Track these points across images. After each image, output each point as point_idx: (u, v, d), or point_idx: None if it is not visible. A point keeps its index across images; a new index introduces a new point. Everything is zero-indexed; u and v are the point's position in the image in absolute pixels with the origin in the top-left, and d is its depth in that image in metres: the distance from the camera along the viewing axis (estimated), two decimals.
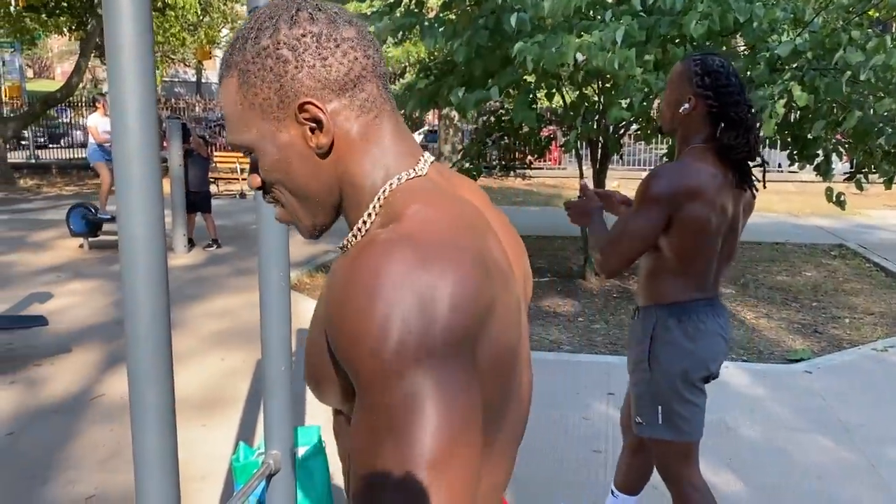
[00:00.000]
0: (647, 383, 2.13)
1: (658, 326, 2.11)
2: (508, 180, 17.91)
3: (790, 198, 15.21)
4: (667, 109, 2.11)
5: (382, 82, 0.84)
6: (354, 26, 0.82)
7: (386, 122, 0.84)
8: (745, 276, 7.64)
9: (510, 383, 0.81)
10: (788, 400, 4.16)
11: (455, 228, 0.75)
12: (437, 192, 0.80)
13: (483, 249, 0.76)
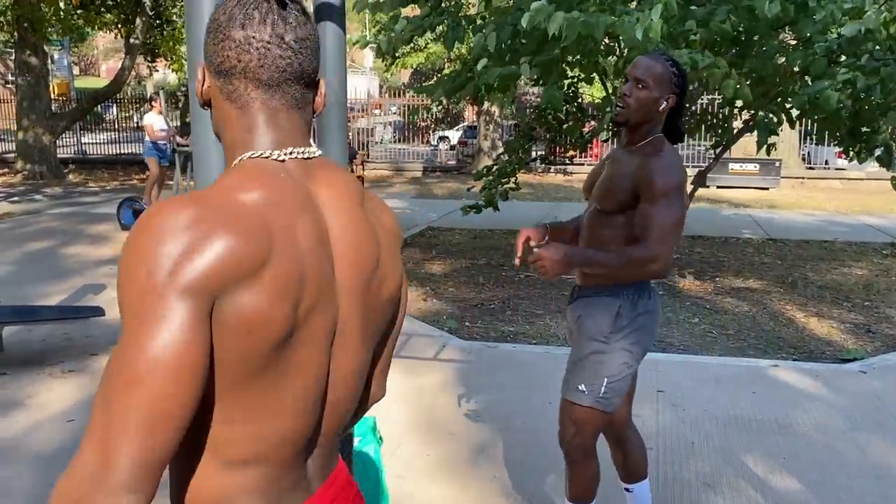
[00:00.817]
0: (603, 355, 2.26)
1: (624, 306, 2.24)
2: (549, 176, 17.81)
3: (838, 195, 14.87)
4: (643, 106, 2.20)
5: (256, 85, 0.95)
6: (251, 32, 0.93)
7: (251, 117, 0.96)
8: (794, 274, 7.49)
9: (276, 351, 0.88)
10: (843, 400, 4.08)
11: (247, 199, 0.87)
12: (266, 172, 0.92)
13: (275, 224, 0.86)
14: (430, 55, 20.96)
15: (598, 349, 2.27)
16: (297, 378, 0.92)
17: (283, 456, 0.95)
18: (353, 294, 0.97)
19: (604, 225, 2.30)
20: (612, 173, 2.28)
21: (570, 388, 2.33)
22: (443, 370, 4.51)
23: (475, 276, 7.30)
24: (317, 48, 0.99)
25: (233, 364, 0.86)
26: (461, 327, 5.53)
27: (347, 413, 1.04)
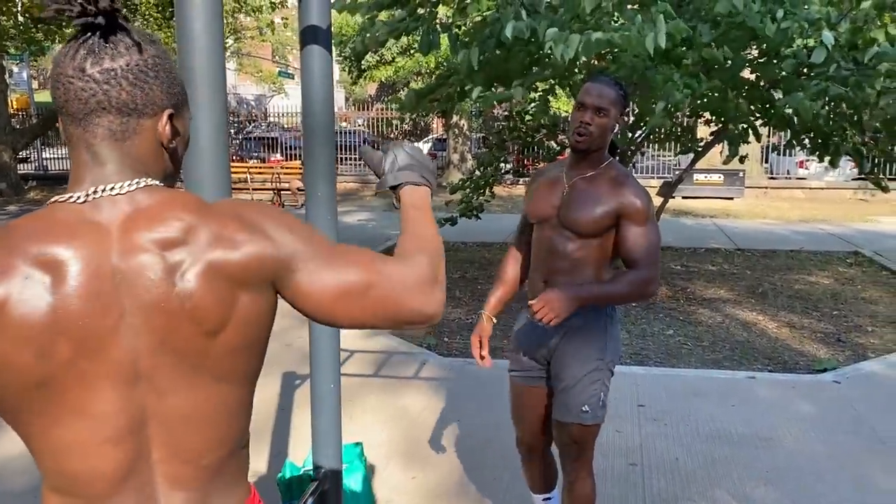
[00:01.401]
0: (600, 372, 2.33)
1: (607, 322, 2.37)
2: (519, 188, 17.90)
3: (800, 204, 15.20)
4: (604, 133, 2.27)
5: (69, 120, 0.95)
6: (60, 68, 0.94)
7: (74, 154, 0.98)
8: (763, 284, 7.62)
9: (31, 394, 0.90)
10: (820, 411, 4.14)
11: (5, 245, 0.90)
12: (52, 219, 0.93)
13: (24, 272, 0.88)
14: (398, 69, 20.98)
15: (597, 367, 2.32)
16: (77, 422, 0.92)
17: (103, 490, 0.96)
18: (152, 334, 0.93)
19: (578, 248, 2.32)
20: (585, 199, 2.29)
21: (573, 412, 2.33)
22: (424, 389, 4.49)
23: (451, 290, 7.29)
24: (139, 75, 0.95)
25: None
26: (440, 343, 5.52)
27: (208, 453, 1.00)
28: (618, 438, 3.77)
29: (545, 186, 2.39)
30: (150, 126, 0.98)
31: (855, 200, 15.79)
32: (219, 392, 0.99)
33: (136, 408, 0.94)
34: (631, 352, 5.35)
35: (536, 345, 2.43)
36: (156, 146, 0.99)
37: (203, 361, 0.96)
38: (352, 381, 4.55)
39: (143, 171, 0.97)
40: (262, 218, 1.00)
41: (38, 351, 0.87)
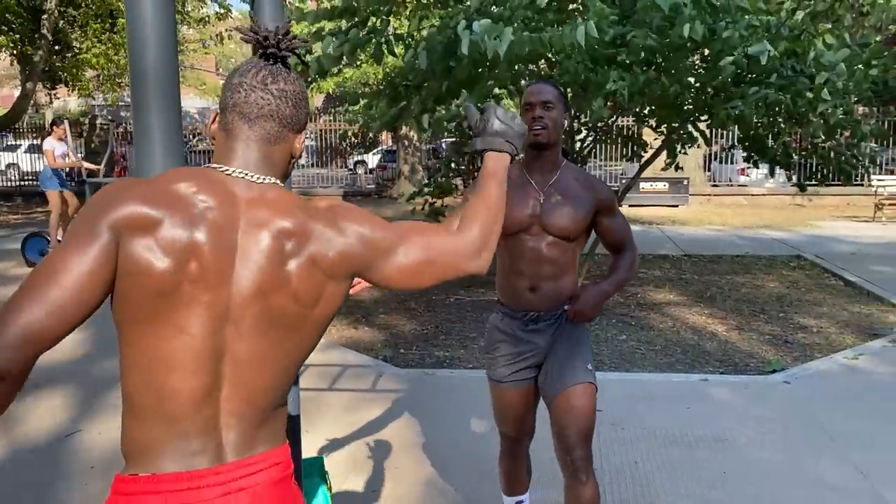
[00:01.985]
0: (587, 346, 2.44)
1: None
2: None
3: (743, 211, 15.61)
4: (557, 125, 2.36)
5: (240, 116, 1.22)
6: (244, 78, 1.23)
7: (231, 141, 1.24)
8: (711, 288, 7.78)
9: (155, 301, 1.12)
10: (771, 411, 4.22)
11: (167, 183, 1.16)
12: (206, 176, 1.19)
13: (181, 205, 1.13)
14: (345, 79, 20.89)
15: (587, 340, 2.47)
16: (180, 337, 1.13)
17: (179, 410, 1.15)
18: (251, 288, 1.17)
19: (563, 252, 2.40)
20: (565, 203, 2.35)
21: (579, 373, 2.33)
22: (382, 401, 4.43)
23: (406, 301, 7.24)
24: (299, 101, 1.25)
25: (122, 304, 1.12)
26: (396, 355, 5.47)
27: (263, 397, 1.21)
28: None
29: (512, 194, 2.35)
30: (292, 139, 1.27)
31: (794, 206, 16.31)
32: (284, 351, 1.22)
33: (219, 342, 1.16)
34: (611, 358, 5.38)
35: (528, 350, 2.46)
36: (287, 155, 1.27)
37: (281, 324, 1.20)
38: (308, 396, 4.46)
39: (273, 172, 1.25)
40: (349, 219, 1.25)
41: (175, 263, 1.11)
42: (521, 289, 2.41)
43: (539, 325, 2.43)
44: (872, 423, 4.04)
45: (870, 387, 4.64)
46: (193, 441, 1.17)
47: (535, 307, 2.42)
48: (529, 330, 2.44)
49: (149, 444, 1.16)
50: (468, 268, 1.33)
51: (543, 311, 2.42)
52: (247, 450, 1.21)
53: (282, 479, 1.24)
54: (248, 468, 1.20)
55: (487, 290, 7.67)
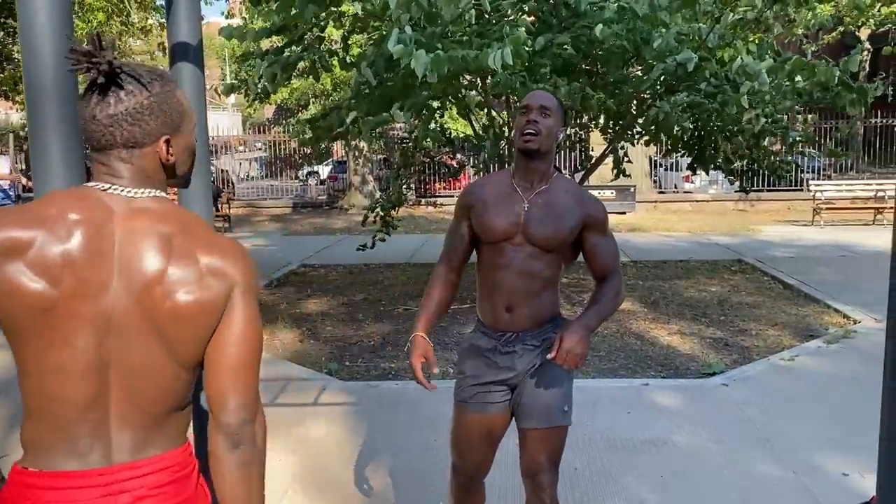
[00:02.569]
0: (568, 380, 2.35)
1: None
2: (420, 208, 17.97)
3: (688, 217, 15.93)
4: (550, 133, 2.26)
5: (93, 151, 1.26)
6: (80, 111, 1.25)
7: (98, 168, 1.28)
8: (655, 294, 7.91)
9: (36, 319, 1.16)
10: (709, 414, 4.31)
11: (39, 206, 1.19)
12: (75, 195, 1.23)
13: (53, 225, 1.16)
14: (294, 91, 20.74)
15: (564, 375, 2.33)
16: (63, 349, 1.18)
17: (67, 414, 1.20)
18: (131, 297, 1.20)
19: (545, 266, 2.29)
20: (551, 213, 2.26)
21: (554, 415, 2.29)
22: (325, 415, 4.38)
23: (353, 313, 7.20)
24: (138, 115, 1.22)
25: (8, 321, 1.17)
26: (341, 368, 5.42)
27: (151, 403, 1.24)
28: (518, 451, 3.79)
29: (496, 201, 2.29)
30: (150, 151, 1.25)
31: (737, 211, 16.72)
32: (171, 361, 1.24)
33: (104, 351, 1.20)
34: None
35: (505, 370, 2.33)
36: (157, 163, 1.26)
37: (165, 335, 1.22)
38: None
39: (149, 182, 1.26)
40: (220, 246, 1.27)
41: (50, 280, 1.15)
42: (499, 306, 2.30)
43: (516, 347, 2.31)
44: (806, 423, 4.15)
45: (804, 387, 4.76)
46: (81, 443, 1.21)
47: (512, 327, 2.31)
48: (506, 352, 2.31)
49: (41, 443, 1.22)
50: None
51: (521, 332, 2.30)
52: (137, 453, 1.24)
53: (173, 481, 1.26)
54: (135, 471, 1.23)
55: None
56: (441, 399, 4.56)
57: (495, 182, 2.36)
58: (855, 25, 18.22)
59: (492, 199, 2.30)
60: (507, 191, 2.30)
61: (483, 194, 2.33)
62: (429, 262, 10.07)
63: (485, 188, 2.35)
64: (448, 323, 6.70)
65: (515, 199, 2.28)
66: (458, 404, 2.43)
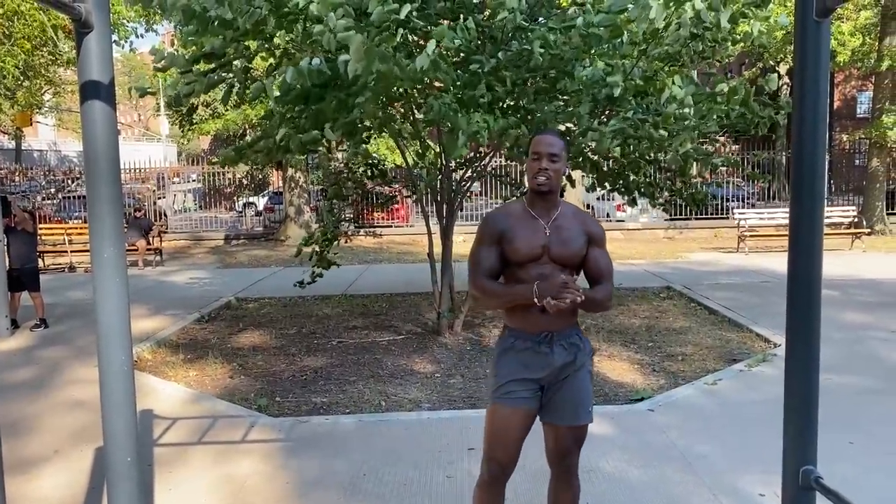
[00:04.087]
0: (590, 382, 2.77)
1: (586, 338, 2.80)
2: (359, 239, 17.90)
3: (620, 244, 16.30)
4: (559, 175, 2.68)
5: None
6: None
7: None
8: (586, 321, 8.05)
9: None
10: (636, 440, 4.39)
11: None
12: None
13: None
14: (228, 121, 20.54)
15: (587, 377, 2.75)
16: None
17: None
18: None
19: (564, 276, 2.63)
20: (569, 235, 2.67)
21: (582, 415, 2.72)
22: (253, 452, 4.30)
23: (286, 347, 7.11)
24: None
25: None
26: (271, 403, 5.33)
27: None
28: (448, 484, 3.80)
29: (523, 228, 2.67)
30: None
31: (666, 239, 17.21)
32: None
33: None
34: (464, 395, 5.44)
35: (539, 369, 2.65)
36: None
37: None
38: (171, 451, 4.29)
39: None
40: None
41: None
42: (534, 312, 2.61)
43: (553, 346, 2.64)
44: (726, 445, 4.27)
45: (726, 410, 4.91)
46: None
47: (548, 327, 2.64)
48: (542, 352, 2.64)
49: None
50: None
51: (556, 330, 2.65)
52: None
53: None
54: None
55: (371, 332, 7.64)
56: (371, 433, 4.55)
57: (515, 212, 2.73)
58: (774, 60, 19.15)
59: (519, 227, 2.68)
60: (529, 219, 2.69)
61: (510, 223, 2.70)
62: (366, 293, 10.04)
63: (509, 218, 2.72)
64: (382, 355, 6.68)
65: (538, 226, 2.68)
66: (496, 403, 2.71)
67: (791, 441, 1.70)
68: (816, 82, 2.10)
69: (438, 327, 7.39)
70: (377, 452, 4.24)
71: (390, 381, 5.83)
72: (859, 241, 14.42)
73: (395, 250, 15.93)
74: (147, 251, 14.30)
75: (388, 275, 12.03)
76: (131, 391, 2.19)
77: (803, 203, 2.13)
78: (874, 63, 17.15)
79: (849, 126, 28.29)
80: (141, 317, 8.42)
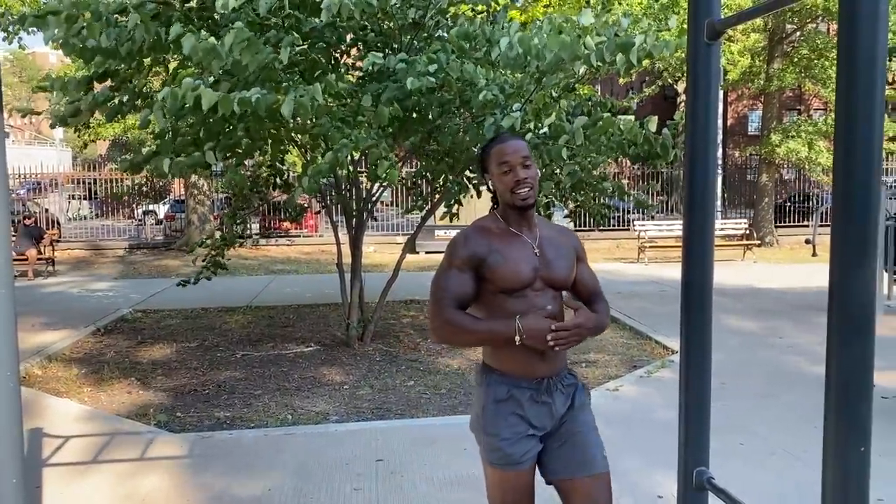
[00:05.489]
0: (594, 420, 2.35)
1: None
2: (266, 248, 17.56)
3: None
4: (536, 181, 2.28)
5: None
6: None
7: None
8: None
9: None
10: None
11: None
12: None
13: None
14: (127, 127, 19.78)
15: (593, 417, 2.35)
16: None
17: None
18: None
19: (557, 301, 2.26)
20: (557, 254, 2.27)
21: (599, 461, 2.27)
22: (152, 470, 4.13)
23: (188, 360, 6.87)
24: None
25: None
26: (172, 419, 5.14)
27: None
28: (356, 496, 3.76)
29: (509, 248, 2.22)
30: None
31: None
32: None
33: None
34: (373, 406, 5.41)
35: (546, 419, 2.24)
36: None
37: None
38: (63, 471, 4.07)
39: None
40: None
41: None
42: (532, 354, 2.17)
43: (553, 394, 2.23)
44: (626, 448, 4.41)
45: (627, 415, 5.08)
46: None
47: (549, 372, 2.22)
48: (544, 402, 2.21)
49: None
50: None
51: (556, 375, 2.24)
52: None
53: None
54: None
55: (278, 344, 7.49)
56: (277, 447, 4.46)
57: (494, 229, 2.27)
58: (673, 79, 20.01)
59: (505, 248, 2.22)
60: (513, 238, 2.25)
61: (492, 244, 2.23)
62: (273, 304, 9.84)
63: (490, 238, 2.24)
64: (289, 368, 6.56)
65: (525, 246, 2.24)
66: (498, 468, 2.24)
67: (685, 443, 1.77)
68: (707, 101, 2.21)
69: (348, 339, 7.33)
70: (283, 467, 4.15)
71: (297, 394, 5.73)
72: (751, 252, 15.24)
73: (305, 260, 15.70)
74: (38, 261, 13.55)
75: (296, 285, 11.84)
76: (17, 409, 2.07)
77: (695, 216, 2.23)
78: (763, 84, 18.21)
79: (741, 143, 29.98)
80: (31, 330, 7.97)
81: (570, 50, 4.73)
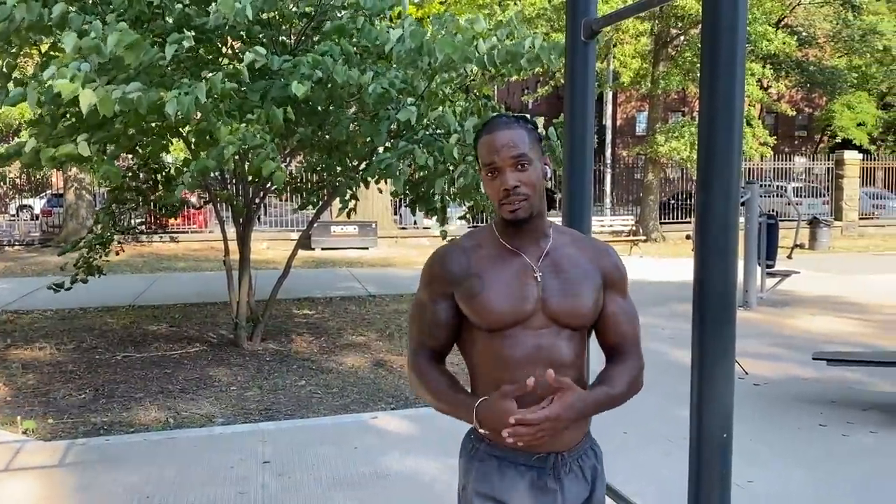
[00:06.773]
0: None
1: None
2: (153, 245, 16.82)
3: (426, 251, 16.67)
4: (537, 185, 1.62)
5: None
6: None
7: None
8: (391, 326, 8.12)
9: None
10: (434, 436, 4.47)
11: None
12: None
13: None
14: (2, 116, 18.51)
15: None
16: None
17: None
18: None
19: (577, 350, 1.66)
20: (572, 280, 1.65)
21: None
22: (17, 480, 3.86)
23: (62, 364, 6.46)
24: None
25: None
26: (43, 426, 4.82)
27: None
28: (240, 500, 3.64)
29: (498, 272, 1.62)
30: None
31: None
32: None
33: None
34: (262, 407, 5.25)
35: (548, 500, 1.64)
36: None
37: None
38: None
39: None
40: None
41: None
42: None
43: (561, 474, 1.64)
44: None
45: None
46: None
47: (554, 447, 1.62)
48: (549, 487, 1.62)
49: None
50: None
51: (569, 451, 1.65)
52: None
53: None
54: None
55: (162, 344, 7.17)
56: (157, 453, 4.26)
57: (482, 245, 1.68)
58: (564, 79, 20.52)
59: (490, 270, 1.63)
60: (505, 256, 1.65)
61: (473, 264, 1.64)
62: (155, 303, 9.42)
63: (472, 257, 1.65)
64: (173, 369, 6.29)
65: (522, 265, 1.64)
66: None
67: None
68: (584, 97, 2.26)
69: (236, 338, 7.09)
70: (163, 473, 3.97)
71: (181, 397, 5.50)
72: (637, 248, 15.87)
73: (193, 257, 15.15)
74: None
75: (183, 283, 11.39)
76: None
77: (574, 206, 2.29)
78: (650, 86, 18.98)
79: (630, 143, 31.15)
80: None
81: (460, 51, 4.77)
